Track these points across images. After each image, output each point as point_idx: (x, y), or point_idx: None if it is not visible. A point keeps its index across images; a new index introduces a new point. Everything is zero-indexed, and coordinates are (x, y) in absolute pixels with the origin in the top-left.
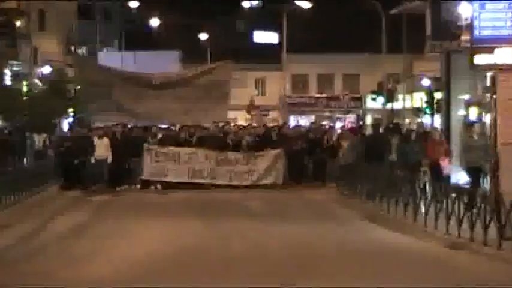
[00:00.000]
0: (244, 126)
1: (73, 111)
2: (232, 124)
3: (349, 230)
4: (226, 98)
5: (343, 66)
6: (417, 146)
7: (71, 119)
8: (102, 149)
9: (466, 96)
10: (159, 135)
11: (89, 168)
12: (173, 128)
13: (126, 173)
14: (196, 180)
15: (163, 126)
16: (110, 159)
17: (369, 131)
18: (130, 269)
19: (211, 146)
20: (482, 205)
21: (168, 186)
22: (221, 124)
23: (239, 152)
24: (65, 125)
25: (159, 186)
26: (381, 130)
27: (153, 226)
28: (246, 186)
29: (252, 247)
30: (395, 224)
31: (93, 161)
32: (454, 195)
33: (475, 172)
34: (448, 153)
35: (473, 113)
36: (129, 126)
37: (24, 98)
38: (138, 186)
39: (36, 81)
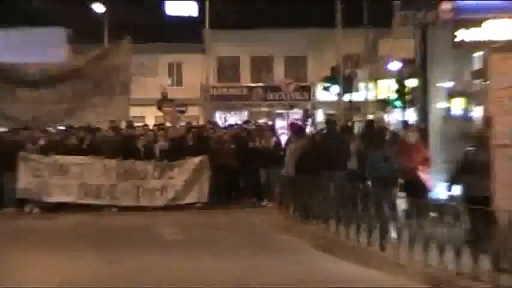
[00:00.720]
0: (158, 126)
1: None
2: (139, 124)
3: (296, 263)
4: (125, 89)
5: (285, 47)
6: (389, 151)
7: None
8: None
9: (448, 84)
10: (41, 141)
11: None
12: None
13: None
14: (91, 201)
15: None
16: None
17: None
18: None
19: (111, 154)
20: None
21: (51, 208)
22: (124, 124)
23: (149, 162)
24: None
25: (35, 210)
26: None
27: (33, 263)
28: (160, 208)
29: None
30: (356, 254)
31: None
32: (433, 214)
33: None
34: (427, 162)
35: (457, 105)
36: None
37: None
38: (11, 208)
39: None
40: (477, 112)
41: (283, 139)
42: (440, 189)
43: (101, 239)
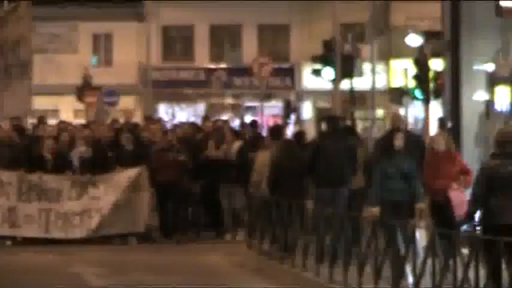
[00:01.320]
0: (85, 125)
1: None
2: (49, 121)
3: None
4: (25, 70)
5: (258, 12)
6: (410, 163)
7: None
8: None
9: (490, 67)
10: None
11: None
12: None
13: None
14: None
15: None
16: None
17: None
18: None
19: (10, 164)
20: None
21: None
22: (29, 121)
23: (65, 175)
24: None
25: None
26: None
27: None
28: (78, 241)
29: None
30: None
31: None
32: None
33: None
34: (466, 177)
35: (502, 96)
36: None
37: None
38: None
39: None
40: None
41: None
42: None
43: None
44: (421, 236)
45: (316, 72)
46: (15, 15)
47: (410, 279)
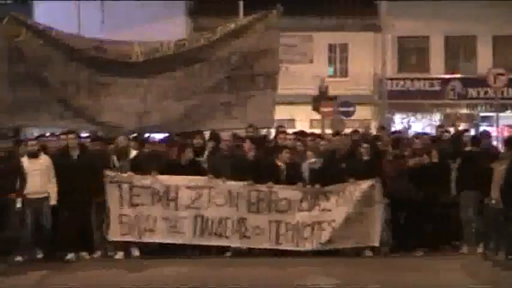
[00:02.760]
0: (319, 135)
1: None
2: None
3: None
4: (272, 81)
5: (493, 22)
6: None
7: None
8: (39, 179)
9: None
10: (133, 153)
11: (12, 220)
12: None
13: (85, 230)
14: (210, 242)
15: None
16: (53, 199)
17: None
18: None
19: (239, 176)
20: None
21: (152, 252)
22: (263, 131)
23: (295, 187)
24: None
25: (136, 252)
26: None
27: None
28: (305, 254)
29: None
30: None
31: (19, 204)
32: None
33: None
34: None
35: None
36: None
37: None
38: (99, 253)
39: None
40: None
41: None
42: None
43: None
44: None
45: None
46: (264, 24)
47: None
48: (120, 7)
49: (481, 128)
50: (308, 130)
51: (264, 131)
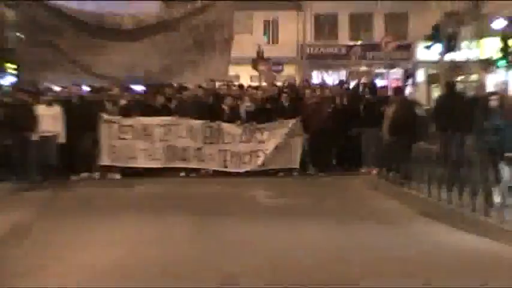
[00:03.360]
0: (255, 87)
1: (16, 68)
2: (233, 83)
3: (403, 232)
4: (227, 45)
5: (385, 3)
6: (499, 120)
7: (13, 78)
8: (51, 121)
9: None
10: (123, 101)
11: (31, 150)
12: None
13: (85, 156)
14: (178, 164)
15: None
16: (62, 137)
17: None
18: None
19: (197, 115)
20: None
21: (133, 174)
22: (217, 84)
23: (237, 125)
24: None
25: (117, 176)
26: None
27: (123, 228)
28: (248, 174)
29: (264, 260)
30: (462, 220)
31: (36, 138)
32: None
33: None
34: None
35: None
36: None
37: None
38: (102, 174)
39: None
40: None
41: None
42: None
43: (191, 204)
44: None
45: (427, 48)
46: (222, 3)
47: (497, 199)
48: None
49: (377, 82)
50: (248, 83)
51: (217, 84)
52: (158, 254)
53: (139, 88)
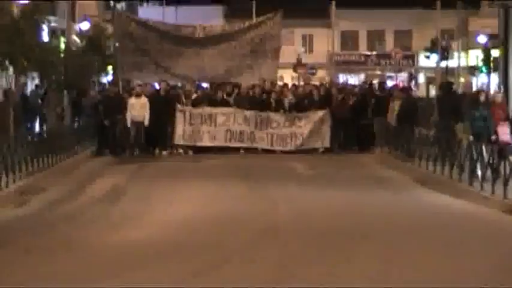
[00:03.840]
0: (295, 85)
1: (113, 69)
2: (279, 82)
3: (401, 194)
4: (276, 53)
5: (394, 22)
6: (485, 111)
7: (110, 77)
8: (138, 108)
9: None
10: (194, 95)
11: (123, 131)
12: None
13: (164, 137)
14: (235, 144)
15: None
16: (147, 121)
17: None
18: (170, 233)
19: (250, 107)
20: None
21: (201, 151)
22: (267, 83)
23: (281, 113)
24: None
25: (190, 152)
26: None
27: (194, 189)
28: (289, 152)
29: (298, 211)
30: (449, 187)
31: (128, 122)
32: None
33: None
34: (508, 118)
35: None
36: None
37: (62, 55)
38: (177, 150)
39: (74, 37)
40: None
41: None
42: None
43: (245, 173)
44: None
45: (427, 57)
46: (272, 20)
47: (479, 172)
48: (173, 12)
49: (388, 82)
50: (290, 83)
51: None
52: (219, 208)
53: (205, 85)
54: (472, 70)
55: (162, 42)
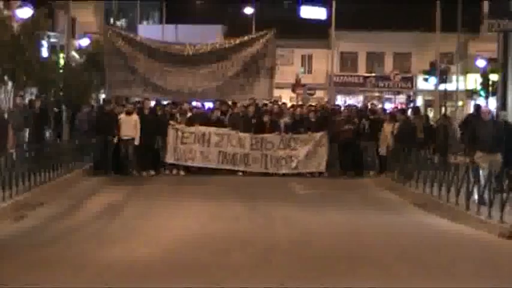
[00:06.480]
0: (292, 106)
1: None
2: (279, 102)
3: (399, 217)
4: (271, 72)
5: (393, 45)
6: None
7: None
8: (130, 127)
9: None
10: (189, 114)
11: (113, 150)
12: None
13: (155, 156)
14: (227, 167)
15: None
16: (137, 140)
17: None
18: (168, 252)
19: (245, 127)
20: None
21: (193, 172)
22: (262, 103)
23: (276, 135)
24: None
25: (181, 172)
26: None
27: (192, 208)
28: (283, 175)
29: (298, 232)
30: (447, 211)
31: (115, 140)
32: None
33: None
34: None
35: None
36: (160, 103)
37: (61, 70)
38: (170, 172)
39: (74, 53)
40: None
41: None
42: None
43: (243, 193)
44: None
45: (425, 80)
46: (265, 38)
47: (476, 196)
48: (173, 30)
49: (386, 105)
50: (289, 103)
51: (261, 102)
52: (220, 227)
53: (195, 103)
54: (471, 93)
55: (151, 59)
